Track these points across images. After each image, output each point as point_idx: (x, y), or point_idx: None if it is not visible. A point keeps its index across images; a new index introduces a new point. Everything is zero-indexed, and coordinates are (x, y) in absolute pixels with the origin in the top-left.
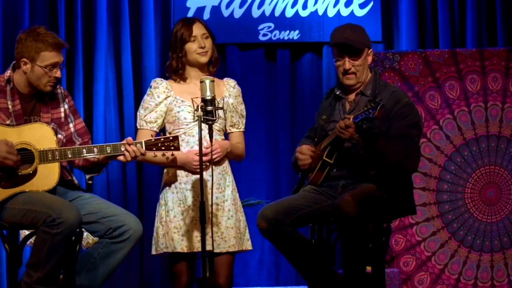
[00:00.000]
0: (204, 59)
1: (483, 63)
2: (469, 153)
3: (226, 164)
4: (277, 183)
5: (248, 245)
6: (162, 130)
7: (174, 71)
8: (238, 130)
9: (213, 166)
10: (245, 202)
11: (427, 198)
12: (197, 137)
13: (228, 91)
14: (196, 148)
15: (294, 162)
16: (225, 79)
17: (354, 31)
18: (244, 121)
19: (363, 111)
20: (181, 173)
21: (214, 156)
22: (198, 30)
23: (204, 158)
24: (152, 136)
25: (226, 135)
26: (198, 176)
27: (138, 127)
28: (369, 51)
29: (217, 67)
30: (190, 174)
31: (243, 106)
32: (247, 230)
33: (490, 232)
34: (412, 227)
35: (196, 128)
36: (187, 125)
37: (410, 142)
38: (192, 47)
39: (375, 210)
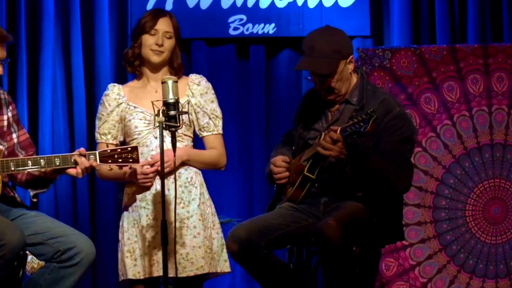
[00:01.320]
0: (156, 59)
1: (487, 61)
2: (470, 165)
3: (191, 175)
4: (250, 199)
5: (225, 267)
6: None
7: (128, 61)
8: (210, 133)
9: (175, 177)
10: None
11: (422, 216)
12: (151, 147)
13: (191, 89)
14: (150, 159)
15: (269, 174)
16: (189, 75)
17: (325, 43)
18: (219, 122)
19: (352, 123)
20: (138, 189)
21: (159, 168)
22: (163, 25)
23: (151, 170)
24: None
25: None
26: (153, 191)
27: (96, 140)
28: (348, 60)
29: (180, 75)
30: (145, 189)
31: (214, 105)
32: (224, 250)
33: (494, 255)
34: (405, 249)
35: (150, 137)
36: (139, 134)
37: (401, 160)
38: (148, 40)
39: (362, 235)
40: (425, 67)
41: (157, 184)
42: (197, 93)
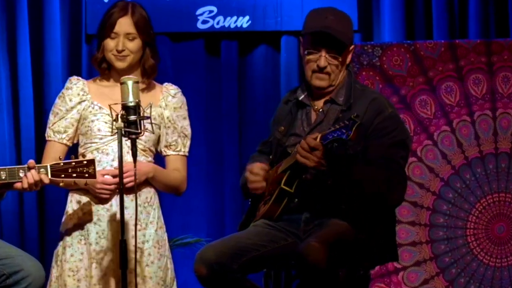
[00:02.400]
0: (119, 65)
1: (491, 58)
2: (472, 177)
3: (151, 195)
4: (220, 215)
5: None
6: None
7: (95, 64)
8: (176, 153)
9: (136, 194)
10: (179, 241)
11: (417, 235)
12: (111, 157)
13: (165, 100)
14: (110, 168)
15: (243, 185)
16: (165, 84)
17: (339, 19)
18: (187, 142)
19: (334, 129)
20: (87, 200)
21: (125, 181)
22: (122, 26)
23: (114, 181)
24: (62, 152)
25: (162, 159)
26: (108, 206)
27: (46, 137)
28: (351, 48)
29: (153, 78)
30: (97, 202)
31: (186, 123)
32: (175, 284)
33: (499, 279)
34: (397, 273)
35: (113, 144)
36: (101, 139)
37: (394, 167)
38: (109, 45)
39: (349, 256)
40: (421, 66)
41: (112, 199)
42: (171, 106)
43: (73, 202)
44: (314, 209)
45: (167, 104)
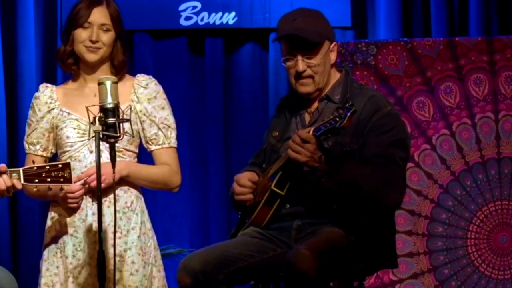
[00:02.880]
0: (91, 57)
1: (493, 57)
2: (473, 183)
3: (132, 199)
4: (205, 224)
5: None
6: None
7: (61, 59)
8: (159, 146)
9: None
10: (161, 251)
11: (414, 245)
12: (84, 163)
13: (137, 93)
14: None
15: (232, 197)
16: (136, 76)
17: (307, 18)
18: (171, 133)
19: (327, 120)
20: (64, 211)
21: (92, 183)
22: (97, 16)
23: (78, 188)
24: (40, 164)
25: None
26: (84, 216)
27: (25, 150)
28: (332, 45)
29: (123, 75)
30: (73, 212)
31: (166, 113)
32: None
33: None
34: (393, 286)
35: (84, 151)
36: (71, 146)
37: (392, 167)
38: (81, 35)
39: (341, 264)
40: (418, 65)
41: (88, 208)
42: (144, 98)
43: (53, 215)
44: (307, 215)
45: (138, 97)
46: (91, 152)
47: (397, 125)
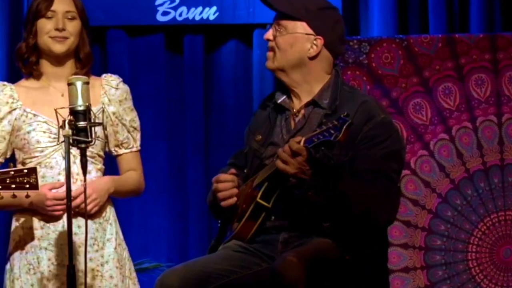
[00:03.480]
0: (58, 48)
1: (496, 55)
2: (474, 192)
3: (105, 208)
4: (184, 236)
5: None
6: (12, 159)
7: (21, 57)
8: (129, 150)
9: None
10: (136, 266)
11: (410, 260)
12: (56, 170)
13: (108, 95)
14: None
15: (212, 203)
16: (103, 76)
17: None
18: (137, 135)
19: (320, 131)
20: (36, 223)
21: (89, 208)
22: (61, 4)
23: (64, 196)
24: None
25: (111, 158)
26: (60, 228)
27: None
28: (314, 38)
29: (88, 69)
30: (46, 224)
31: (134, 114)
32: None
33: None
34: None
35: (57, 156)
36: (41, 151)
37: (384, 182)
38: (45, 26)
39: (331, 278)
40: (415, 64)
41: (64, 220)
42: (115, 100)
43: (18, 225)
44: (294, 228)
45: (110, 99)
46: (64, 158)
47: (391, 135)
